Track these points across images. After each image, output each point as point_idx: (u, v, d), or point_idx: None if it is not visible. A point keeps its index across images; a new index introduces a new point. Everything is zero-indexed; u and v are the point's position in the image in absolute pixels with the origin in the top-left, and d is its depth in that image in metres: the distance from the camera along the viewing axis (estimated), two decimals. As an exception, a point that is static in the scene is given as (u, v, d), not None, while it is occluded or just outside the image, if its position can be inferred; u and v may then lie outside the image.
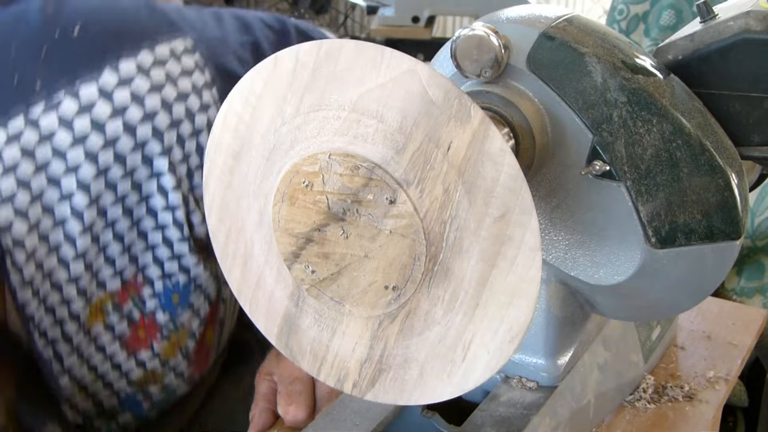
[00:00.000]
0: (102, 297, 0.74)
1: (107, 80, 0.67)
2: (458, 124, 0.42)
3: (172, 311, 0.78)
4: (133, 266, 0.74)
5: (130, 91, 0.67)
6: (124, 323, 0.76)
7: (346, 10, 4.27)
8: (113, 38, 0.68)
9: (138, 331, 0.77)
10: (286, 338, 0.52)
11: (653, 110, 0.52)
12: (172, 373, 0.81)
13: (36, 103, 0.65)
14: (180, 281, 0.76)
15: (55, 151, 0.66)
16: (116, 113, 0.67)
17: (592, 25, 0.55)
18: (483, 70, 0.52)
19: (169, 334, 0.79)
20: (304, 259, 0.47)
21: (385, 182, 0.43)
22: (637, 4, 1.70)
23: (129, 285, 0.75)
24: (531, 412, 0.61)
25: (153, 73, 0.68)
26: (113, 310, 0.75)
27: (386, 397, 0.49)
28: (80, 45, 0.67)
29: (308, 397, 0.73)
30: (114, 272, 0.74)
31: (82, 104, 0.66)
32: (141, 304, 0.76)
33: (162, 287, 0.76)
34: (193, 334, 0.81)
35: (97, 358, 0.76)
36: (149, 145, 0.69)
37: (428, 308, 0.46)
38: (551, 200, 0.56)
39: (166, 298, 0.77)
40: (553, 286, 0.62)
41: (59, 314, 0.72)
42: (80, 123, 0.66)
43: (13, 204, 0.65)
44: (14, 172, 0.65)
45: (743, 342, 0.84)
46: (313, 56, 0.45)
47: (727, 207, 0.53)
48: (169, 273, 0.76)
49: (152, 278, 0.76)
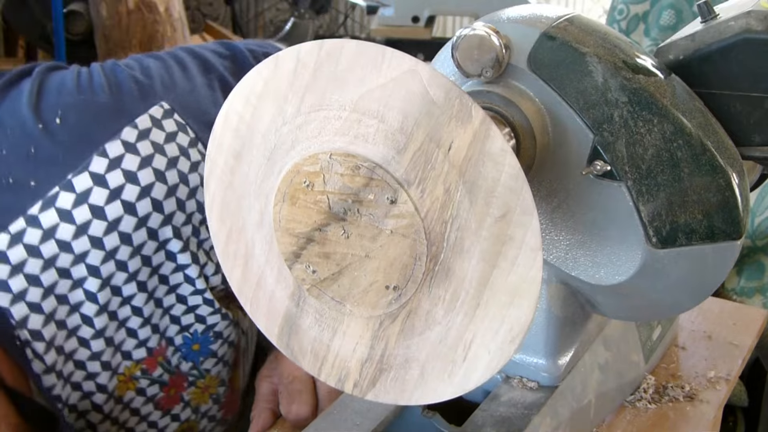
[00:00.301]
0: (129, 366, 0.75)
1: (97, 166, 0.67)
2: (459, 124, 0.42)
3: (194, 360, 0.79)
4: (156, 335, 0.75)
5: (121, 171, 0.68)
6: (155, 387, 0.77)
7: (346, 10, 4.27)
8: (93, 123, 0.69)
9: (169, 391, 0.78)
10: (286, 338, 0.52)
11: (654, 110, 0.52)
12: (205, 419, 0.82)
13: (32, 202, 0.66)
14: (198, 330, 0.77)
15: (60, 244, 0.66)
16: (113, 195, 0.68)
17: (593, 24, 0.55)
18: (484, 70, 0.52)
19: (195, 381, 0.80)
20: (305, 259, 0.47)
21: (386, 182, 0.43)
22: (637, 4, 1.70)
23: (155, 352, 0.76)
24: (532, 412, 0.61)
25: (140, 146, 0.69)
26: (143, 376, 0.76)
27: (387, 397, 0.49)
28: (64, 136, 0.68)
29: (310, 395, 0.74)
30: (138, 343, 0.74)
31: (78, 194, 0.67)
32: (167, 365, 0.77)
33: (182, 340, 0.77)
34: (222, 381, 0.82)
35: (132, 421, 0.77)
36: (151, 219, 0.70)
37: (429, 308, 0.46)
38: (552, 200, 0.56)
39: (187, 349, 0.78)
40: (554, 286, 0.62)
41: (86, 388, 0.73)
42: (79, 213, 0.67)
43: (25, 299, 0.66)
44: (22, 270, 0.66)
45: (744, 342, 0.84)
46: (314, 56, 0.45)
47: (728, 207, 0.53)
48: (186, 325, 0.77)
49: (171, 336, 0.77)
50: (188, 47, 0.81)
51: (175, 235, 0.72)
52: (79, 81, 0.71)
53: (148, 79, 0.73)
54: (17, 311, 0.66)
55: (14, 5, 2.89)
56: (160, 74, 0.74)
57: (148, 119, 0.70)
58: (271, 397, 0.77)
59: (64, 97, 0.69)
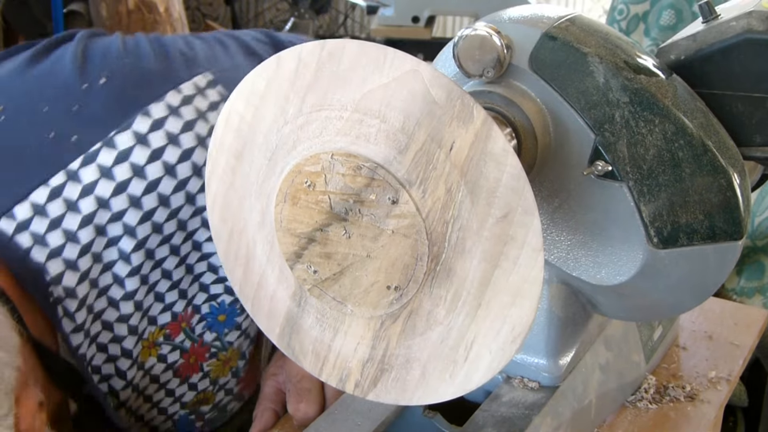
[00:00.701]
0: (153, 332, 0.75)
1: (140, 126, 0.67)
2: (461, 125, 0.42)
3: (218, 330, 0.79)
4: (182, 300, 0.75)
5: (164, 132, 0.68)
6: (176, 353, 0.77)
7: (346, 10, 4.27)
8: (138, 85, 0.69)
9: (189, 358, 0.78)
10: (288, 338, 0.52)
11: (655, 110, 0.52)
12: (222, 392, 0.82)
13: (74, 157, 0.66)
14: (226, 301, 0.77)
15: (98, 201, 0.66)
16: (154, 156, 0.68)
17: (595, 25, 0.55)
18: (485, 70, 0.52)
19: (217, 353, 0.80)
20: (307, 259, 0.47)
21: (388, 182, 0.43)
22: (637, 4, 1.70)
23: (180, 318, 0.76)
24: (533, 412, 0.61)
25: (182, 111, 0.69)
26: (165, 342, 0.76)
27: (388, 397, 0.49)
28: (109, 95, 0.68)
29: (317, 394, 0.74)
30: (164, 308, 0.74)
31: (119, 152, 0.67)
32: (191, 333, 0.77)
33: (208, 309, 0.77)
34: (243, 354, 0.82)
35: (151, 388, 0.77)
36: (190, 183, 0.70)
37: (430, 308, 0.46)
38: (553, 200, 0.56)
39: (213, 318, 0.78)
40: (555, 287, 0.62)
41: (112, 351, 0.73)
42: (120, 171, 0.67)
43: (62, 256, 0.66)
44: (60, 225, 0.66)
45: (745, 342, 0.84)
46: (315, 56, 0.45)
47: (729, 207, 0.53)
48: (215, 294, 0.77)
49: (198, 304, 0.77)
50: (231, 32, 0.81)
51: None
52: (125, 46, 0.71)
53: (191, 52, 0.73)
54: (53, 267, 0.65)
55: (14, 5, 2.89)
56: (202, 48, 0.75)
57: (193, 86, 0.70)
58: (274, 397, 0.77)
59: (110, 59, 0.70)
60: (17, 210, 0.65)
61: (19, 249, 0.65)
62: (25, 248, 0.65)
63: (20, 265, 0.65)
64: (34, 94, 0.68)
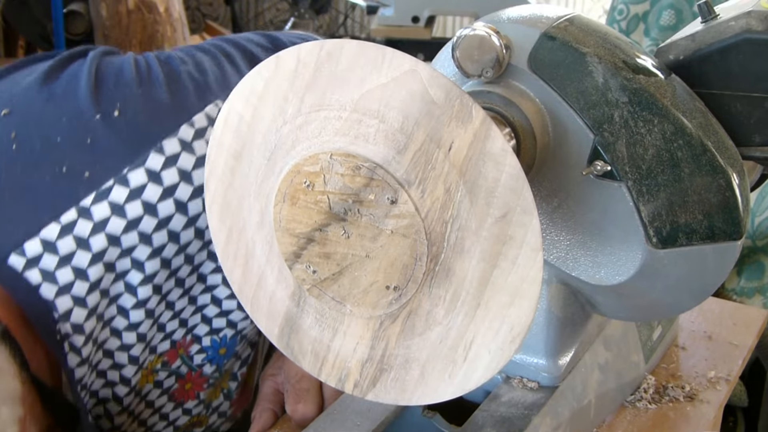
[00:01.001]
0: (153, 360, 0.75)
1: (154, 162, 0.66)
2: (460, 124, 0.42)
3: (218, 362, 0.79)
4: (182, 329, 0.75)
5: (177, 169, 0.67)
6: (172, 379, 0.77)
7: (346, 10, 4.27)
8: (152, 119, 0.68)
9: (185, 385, 0.78)
10: (287, 338, 0.52)
11: (654, 110, 0.52)
12: (215, 415, 0.82)
13: (86, 193, 0.65)
14: (227, 335, 0.77)
15: (109, 239, 0.66)
16: (166, 193, 0.67)
17: (594, 25, 0.55)
18: (484, 70, 0.52)
19: (215, 382, 0.80)
20: (306, 259, 0.47)
21: (387, 182, 0.43)
22: (637, 4, 1.70)
23: (178, 345, 0.76)
24: (532, 412, 0.61)
25: (195, 145, 0.68)
26: (162, 368, 0.76)
27: (387, 397, 0.49)
28: (122, 129, 0.67)
29: (316, 394, 0.74)
30: (164, 336, 0.74)
31: (132, 189, 0.66)
32: (189, 361, 0.77)
33: (209, 342, 0.77)
34: (234, 376, 0.82)
35: (146, 413, 0.77)
36: (200, 219, 0.69)
37: (429, 308, 0.46)
38: (552, 200, 0.56)
39: (214, 352, 0.78)
40: (554, 287, 0.62)
41: (110, 377, 0.72)
42: (132, 208, 0.66)
43: (71, 293, 0.65)
44: (70, 262, 0.65)
45: (744, 342, 0.84)
46: (314, 56, 0.45)
47: (729, 207, 0.53)
48: (217, 329, 0.77)
49: (200, 335, 0.76)
50: (234, 40, 0.80)
51: None
52: (138, 71, 0.70)
53: (202, 76, 0.72)
54: (62, 304, 0.65)
55: (14, 5, 2.89)
56: (213, 71, 0.74)
57: (205, 118, 0.69)
58: (273, 397, 0.77)
59: (123, 88, 0.68)
60: (28, 246, 0.64)
61: (28, 285, 0.64)
62: (35, 285, 0.64)
63: (29, 301, 0.64)
64: (47, 120, 0.67)
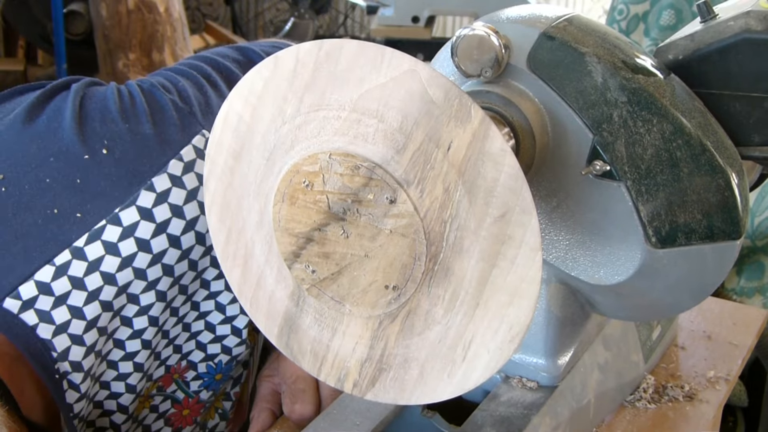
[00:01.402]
0: (149, 387, 0.75)
1: (145, 200, 0.67)
2: (459, 124, 0.42)
3: (215, 388, 0.79)
4: (176, 354, 0.75)
5: (168, 205, 0.67)
6: (167, 403, 0.77)
7: (346, 10, 4.27)
8: (140, 156, 0.68)
9: (183, 411, 0.78)
10: (286, 338, 0.52)
11: (653, 110, 0.52)
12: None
13: (78, 235, 0.65)
14: (222, 361, 0.77)
15: (104, 277, 0.66)
16: (159, 229, 0.67)
17: (593, 25, 0.55)
18: (483, 70, 0.52)
19: (210, 405, 0.81)
20: (305, 259, 0.47)
21: (386, 182, 0.43)
22: (637, 4, 1.70)
23: (172, 370, 0.76)
24: (531, 411, 0.61)
25: (185, 179, 0.68)
26: (157, 393, 0.76)
27: (386, 396, 0.49)
28: (111, 168, 0.67)
29: (313, 394, 0.74)
30: (159, 363, 0.75)
31: (124, 227, 0.66)
32: (185, 386, 0.77)
33: (205, 369, 0.77)
34: (228, 396, 0.82)
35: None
36: (193, 252, 0.70)
37: (428, 308, 0.46)
38: (551, 200, 0.56)
39: (210, 378, 0.78)
40: (553, 286, 0.62)
41: (107, 407, 0.73)
42: (125, 246, 0.66)
43: (67, 332, 0.66)
44: (65, 302, 0.65)
45: (744, 342, 0.84)
46: (313, 56, 0.45)
47: (728, 207, 0.53)
48: (212, 355, 0.77)
49: (195, 362, 0.77)
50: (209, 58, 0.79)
51: (212, 264, 0.72)
52: (122, 105, 0.69)
53: (187, 106, 0.72)
54: (59, 343, 0.65)
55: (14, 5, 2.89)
56: (197, 98, 0.73)
57: (192, 150, 0.69)
58: (271, 398, 0.77)
59: (109, 124, 0.68)
60: (22, 289, 0.64)
61: (25, 326, 0.64)
62: (31, 325, 0.64)
63: (26, 341, 0.64)
64: (34, 161, 0.66)
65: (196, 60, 0.78)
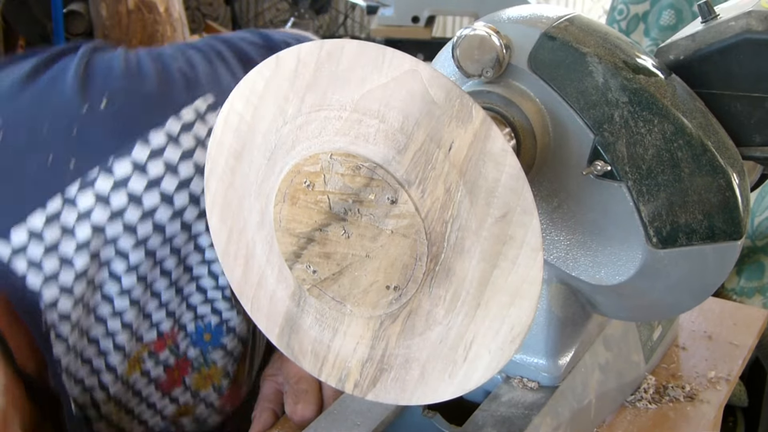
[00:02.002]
0: (139, 348, 0.75)
1: (139, 154, 0.67)
2: (460, 124, 0.42)
3: (202, 347, 0.78)
4: (170, 320, 0.75)
5: (163, 162, 0.67)
6: (159, 368, 0.77)
7: (346, 10, 4.27)
8: (139, 111, 0.68)
9: (173, 373, 0.78)
10: (287, 338, 0.52)
11: (655, 110, 0.52)
12: (203, 404, 0.82)
13: (71, 182, 0.66)
14: (212, 322, 0.77)
15: (94, 228, 0.66)
16: (152, 185, 0.67)
17: (594, 25, 0.55)
18: (484, 70, 0.52)
19: (200, 367, 0.80)
20: (306, 259, 0.47)
21: (387, 182, 0.43)
22: (637, 4, 1.70)
23: (165, 336, 0.76)
24: (532, 412, 0.61)
25: (182, 139, 0.68)
26: (149, 358, 0.76)
27: (387, 397, 0.49)
28: (109, 120, 0.67)
29: (315, 395, 0.73)
30: (150, 325, 0.74)
31: (116, 179, 0.66)
32: (176, 350, 0.77)
33: (194, 327, 0.77)
34: (227, 373, 0.82)
35: (133, 401, 0.77)
36: (187, 212, 0.69)
37: (430, 308, 0.46)
38: (552, 200, 0.56)
39: (198, 336, 0.78)
40: (554, 286, 0.62)
41: (96, 365, 0.72)
42: (117, 198, 0.66)
43: (57, 281, 0.66)
44: (56, 250, 0.66)
45: (744, 342, 0.84)
46: (314, 56, 0.45)
47: (729, 207, 0.53)
48: (201, 315, 0.77)
49: (185, 323, 0.77)
50: (227, 39, 0.79)
51: (207, 231, 0.71)
52: (127, 65, 0.70)
53: (192, 71, 0.72)
54: (48, 293, 0.65)
55: (14, 5, 2.89)
56: (203, 67, 0.74)
57: (193, 112, 0.69)
58: (273, 397, 0.77)
59: (112, 80, 0.69)
60: (14, 234, 0.64)
61: (14, 275, 0.65)
62: (21, 274, 0.65)
63: (15, 291, 0.65)
64: (33, 112, 0.67)
65: (212, 39, 0.79)
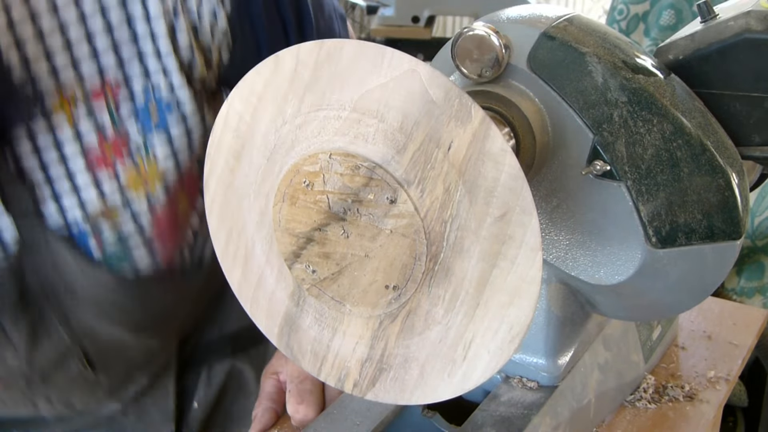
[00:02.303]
0: (76, 90, 0.69)
1: None
2: (459, 124, 0.42)
3: (144, 124, 0.71)
4: (118, 70, 0.69)
5: None
6: (92, 135, 0.70)
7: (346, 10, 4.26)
8: None
9: (105, 146, 0.71)
10: (286, 338, 0.52)
11: (654, 110, 0.52)
12: (129, 212, 0.74)
13: None
14: (161, 87, 0.71)
15: None
16: None
17: (593, 24, 0.55)
18: (484, 70, 0.52)
19: (136, 154, 0.72)
20: (305, 259, 0.47)
21: (386, 182, 0.43)
22: (637, 4, 1.70)
23: (107, 86, 0.69)
24: (531, 411, 0.61)
25: None
26: (87, 115, 0.69)
27: (387, 396, 0.49)
28: None
29: (318, 396, 0.73)
30: (97, 68, 0.69)
31: None
32: (115, 111, 0.70)
33: (141, 88, 0.71)
34: (165, 185, 0.74)
35: (59, 170, 0.70)
36: None
37: (429, 308, 0.46)
38: (552, 200, 0.56)
39: (143, 106, 0.71)
40: (553, 286, 0.62)
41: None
42: None
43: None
44: None
45: (744, 342, 0.84)
46: (314, 56, 0.45)
47: (728, 207, 0.53)
48: (154, 84, 0.71)
49: (131, 76, 0.70)
50: None
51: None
52: None
53: None
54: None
55: (14, 5, 2.87)
56: None
57: None
58: (275, 396, 0.76)
59: None
60: None
61: None
62: None
63: None
64: None
65: None
